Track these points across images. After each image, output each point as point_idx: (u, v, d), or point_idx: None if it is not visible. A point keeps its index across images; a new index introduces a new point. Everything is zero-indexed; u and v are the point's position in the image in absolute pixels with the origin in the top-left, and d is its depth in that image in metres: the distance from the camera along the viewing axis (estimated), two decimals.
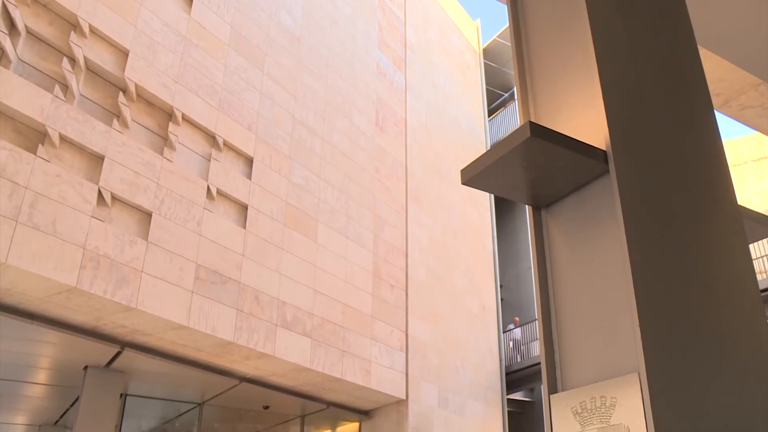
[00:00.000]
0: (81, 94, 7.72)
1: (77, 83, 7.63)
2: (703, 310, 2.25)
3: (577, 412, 2.17)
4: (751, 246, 2.70)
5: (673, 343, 2.09)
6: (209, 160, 9.10)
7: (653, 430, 1.89)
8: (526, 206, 2.68)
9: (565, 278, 2.41)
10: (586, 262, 2.33)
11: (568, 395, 2.23)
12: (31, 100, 6.99)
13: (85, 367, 9.38)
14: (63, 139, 7.29)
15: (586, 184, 2.42)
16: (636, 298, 2.07)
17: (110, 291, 7.23)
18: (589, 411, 2.13)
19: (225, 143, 9.43)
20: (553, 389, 2.31)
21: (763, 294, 12.99)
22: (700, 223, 2.45)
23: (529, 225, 2.64)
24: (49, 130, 7.09)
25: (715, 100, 5.42)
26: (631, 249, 2.14)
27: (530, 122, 2.20)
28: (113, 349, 8.58)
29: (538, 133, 2.20)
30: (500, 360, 15.42)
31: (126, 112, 8.06)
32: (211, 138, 9.28)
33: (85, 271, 7.02)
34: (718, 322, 2.28)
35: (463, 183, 2.45)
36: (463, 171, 2.44)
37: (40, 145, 7.01)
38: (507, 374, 16.13)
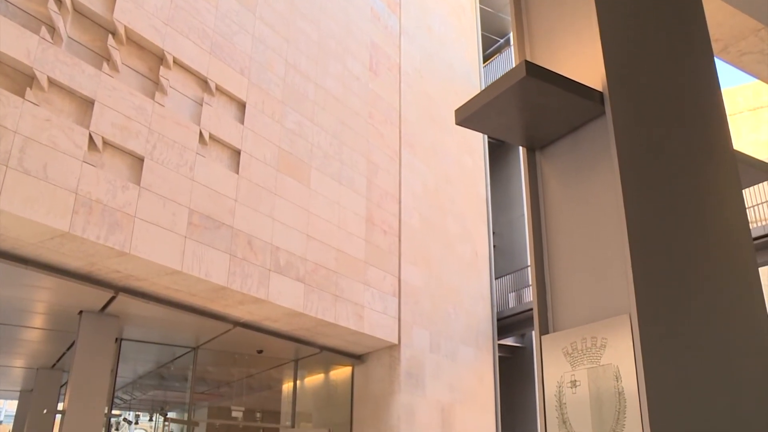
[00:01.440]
0: (69, 37, 7.56)
1: (64, 25, 7.46)
2: (695, 253, 2.26)
3: (567, 353, 2.20)
4: (744, 193, 2.70)
5: (664, 285, 2.11)
6: (201, 105, 8.99)
7: (642, 370, 1.92)
8: (520, 149, 2.65)
9: (558, 220, 2.41)
10: (580, 204, 2.33)
11: (560, 336, 2.26)
12: (16, 42, 6.84)
13: (80, 312, 9.45)
14: (52, 82, 7.16)
15: (581, 126, 2.40)
16: (629, 240, 2.07)
17: (103, 236, 7.22)
18: (580, 351, 2.16)
19: (217, 88, 9.29)
20: (544, 330, 2.33)
21: (756, 242, 13.06)
22: (696, 168, 2.44)
23: (522, 166, 2.62)
24: (37, 73, 6.96)
25: (713, 46, 5.34)
26: (626, 191, 2.13)
27: (526, 61, 2.17)
28: (107, 294, 8.63)
29: (534, 72, 2.17)
30: (492, 306, 15.59)
31: (116, 55, 7.91)
32: (203, 82, 9.14)
33: (77, 216, 7.00)
34: (709, 265, 2.29)
35: (458, 123, 2.42)
36: (457, 111, 2.41)
37: (28, 89, 6.89)
38: (498, 320, 16.33)
